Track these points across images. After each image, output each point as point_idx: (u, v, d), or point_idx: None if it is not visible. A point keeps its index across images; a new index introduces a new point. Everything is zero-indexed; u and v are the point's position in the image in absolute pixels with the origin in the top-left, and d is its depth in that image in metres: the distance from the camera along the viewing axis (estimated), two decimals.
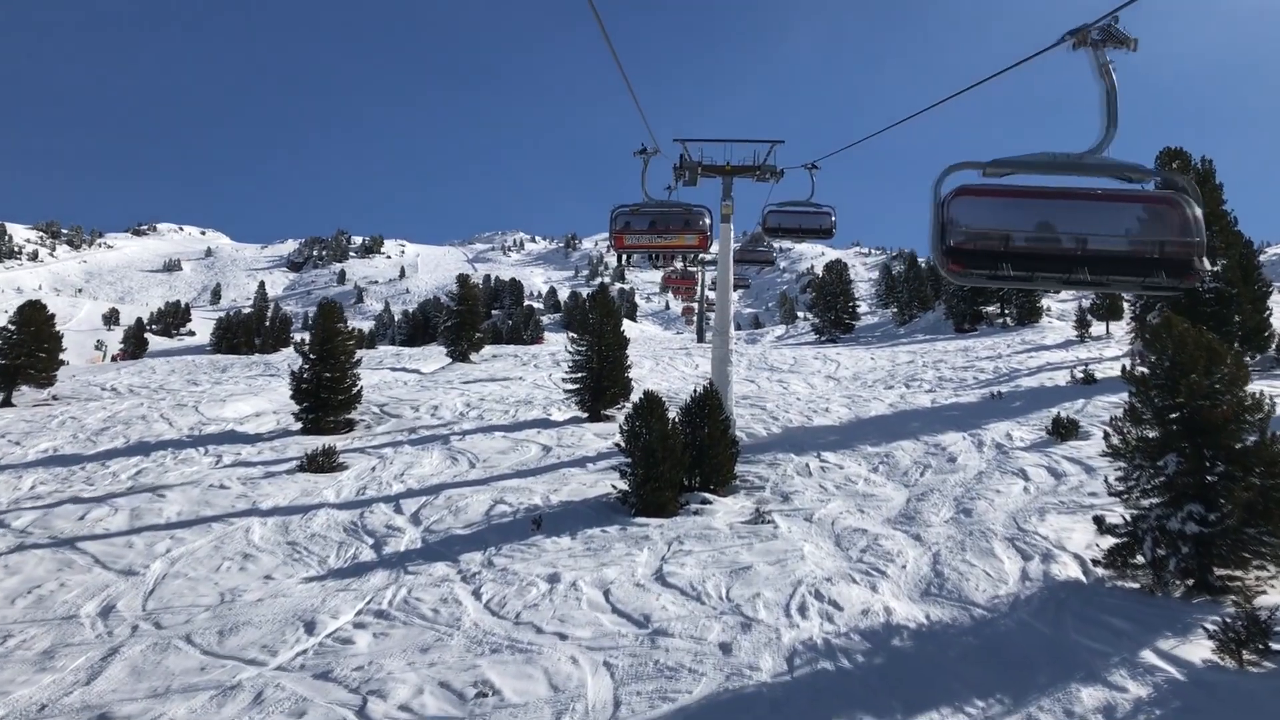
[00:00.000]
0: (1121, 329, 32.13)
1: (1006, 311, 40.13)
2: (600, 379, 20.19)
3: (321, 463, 15.69)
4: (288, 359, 39.46)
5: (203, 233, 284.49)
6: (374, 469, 16.25)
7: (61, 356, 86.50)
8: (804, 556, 11.24)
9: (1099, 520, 10.46)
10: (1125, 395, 18.86)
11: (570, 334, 22.08)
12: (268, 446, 18.80)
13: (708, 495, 13.68)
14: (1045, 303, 40.12)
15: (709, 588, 10.29)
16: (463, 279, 38.29)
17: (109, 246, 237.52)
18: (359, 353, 22.85)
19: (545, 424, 20.06)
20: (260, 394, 25.37)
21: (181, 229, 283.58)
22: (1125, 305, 33.59)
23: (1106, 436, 10.70)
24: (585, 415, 20.43)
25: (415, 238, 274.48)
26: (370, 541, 12.73)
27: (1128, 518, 10.07)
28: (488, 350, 41.22)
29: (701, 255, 60.13)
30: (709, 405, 14.34)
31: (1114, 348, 27.87)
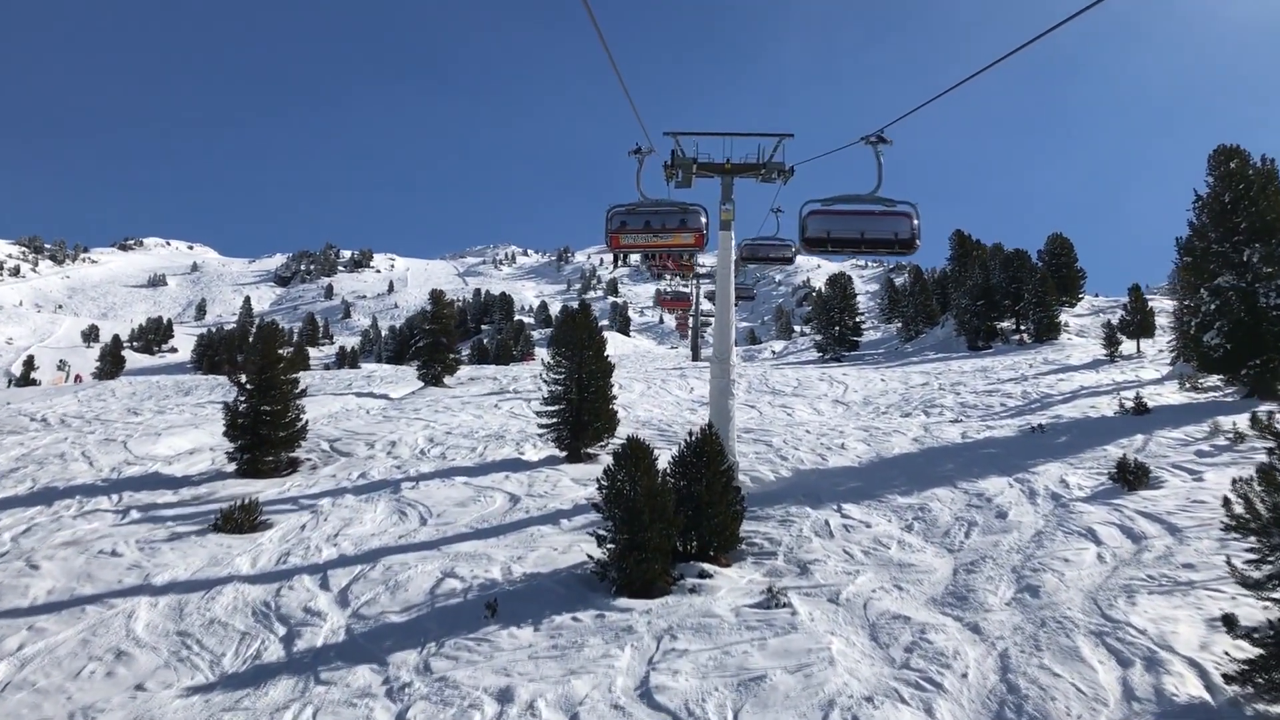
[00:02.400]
0: (1153, 348, 29.70)
1: (1023, 328, 37.65)
2: (580, 412, 17.50)
3: (239, 521, 13.02)
4: None
5: (190, 247, 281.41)
6: (303, 527, 13.54)
7: (34, 375, 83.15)
8: (833, 660, 8.61)
9: (1230, 622, 7.84)
10: (1191, 430, 16.45)
11: (545, 359, 19.44)
12: (190, 494, 16.10)
13: (707, 566, 11.07)
14: (1063, 318, 37.66)
15: (710, 710, 7.68)
16: (436, 295, 35.61)
17: (93, 261, 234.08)
18: (304, 377, 20.10)
19: (516, 465, 17.36)
20: (203, 425, 22.66)
21: (169, 243, 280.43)
22: (1160, 320, 31.27)
23: (1227, 503, 8.12)
24: (563, 454, 17.73)
25: (405, 251, 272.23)
26: (281, 632, 10.06)
27: (1274, 620, 7.50)
28: (465, 372, 38.54)
29: (697, 269, 57.89)
30: (708, 451, 11.75)
31: (1150, 368, 25.38)
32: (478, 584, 10.90)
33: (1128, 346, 29.27)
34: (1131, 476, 13.09)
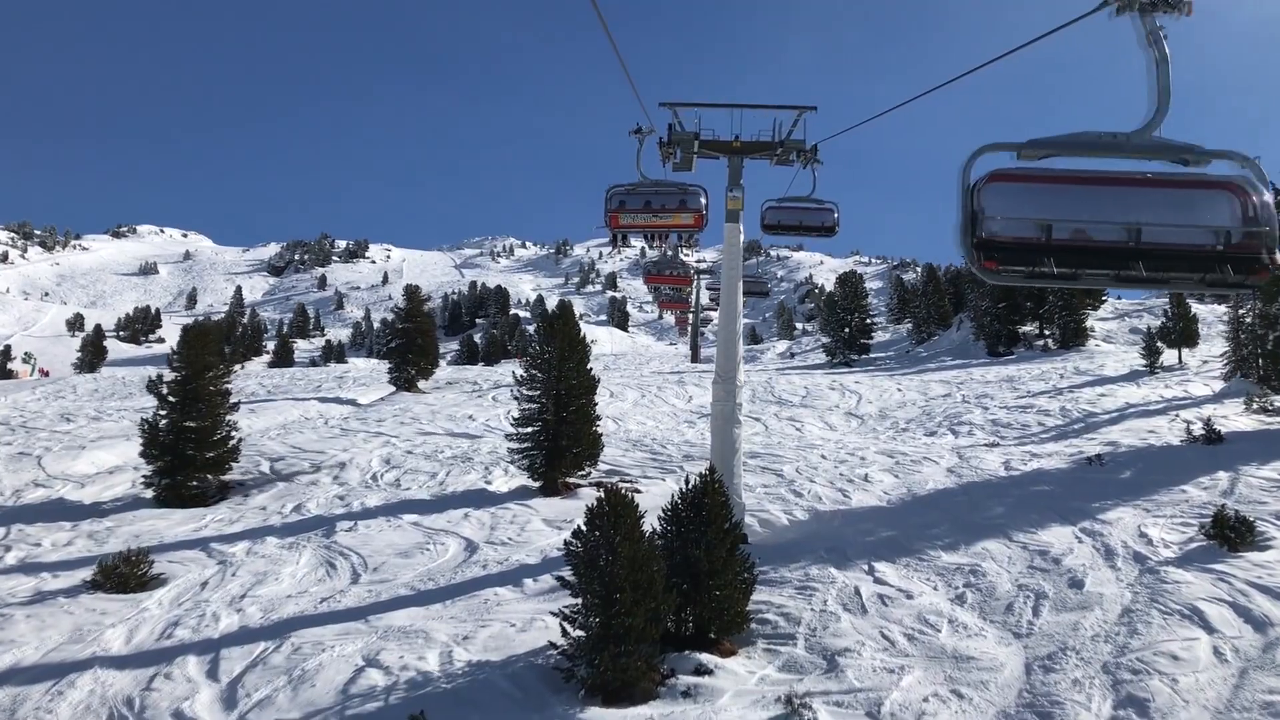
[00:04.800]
0: (1194, 359, 27.13)
1: (1048, 332, 35.11)
2: (558, 436, 14.90)
3: (123, 576, 10.48)
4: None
5: (184, 235, 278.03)
6: (205, 584, 10.98)
7: (10, 366, 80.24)
8: None
9: None
10: None
11: (518, 369, 16.85)
12: (90, 529, 13.55)
13: (705, 658, 8.53)
14: (1089, 322, 35.13)
15: None
16: (411, 290, 32.95)
17: (84, 248, 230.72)
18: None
19: (480, 499, 14.76)
20: (136, 436, 20.07)
21: (162, 231, 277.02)
22: (1204, 329, 28.69)
23: None
24: (536, 484, 15.10)
25: (402, 242, 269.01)
26: None
27: None
28: (444, 374, 35.96)
29: (697, 265, 55.37)
30: (709, 504, 9.22)
31: (1198, 383, 22.82)
32: (405, 679, 8.33)
33: (1167, 356, 26.73)
34: (1232, 533, 10.55)
